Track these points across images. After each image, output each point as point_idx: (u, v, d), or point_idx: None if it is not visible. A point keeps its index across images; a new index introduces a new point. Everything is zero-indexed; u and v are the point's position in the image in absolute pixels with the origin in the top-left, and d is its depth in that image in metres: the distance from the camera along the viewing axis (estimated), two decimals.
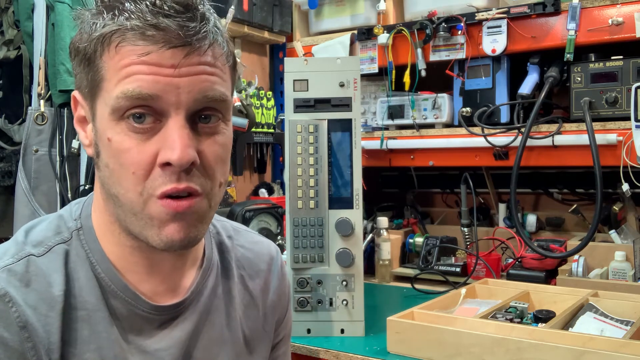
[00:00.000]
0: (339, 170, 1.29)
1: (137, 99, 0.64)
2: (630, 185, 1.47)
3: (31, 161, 1.60)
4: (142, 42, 0.64)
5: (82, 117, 0.73)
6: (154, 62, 0.64)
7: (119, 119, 0.66)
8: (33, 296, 0.67)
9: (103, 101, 0.67)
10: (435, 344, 1.11)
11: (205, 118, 0.69)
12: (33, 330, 0.65)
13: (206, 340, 0.79)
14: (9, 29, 1.68)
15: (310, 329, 1.29)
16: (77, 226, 0.74)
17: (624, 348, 0.97)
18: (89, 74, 0.68)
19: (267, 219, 1.82)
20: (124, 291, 0.72)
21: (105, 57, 0.66)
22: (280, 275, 0.93)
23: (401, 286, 1.73)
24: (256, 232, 0.96)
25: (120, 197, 0.68)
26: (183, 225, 0.68)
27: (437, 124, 1.77)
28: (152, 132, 0.66)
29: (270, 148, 2.13)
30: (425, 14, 1.76)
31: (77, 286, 0.70)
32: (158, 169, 0.66)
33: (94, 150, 0.70)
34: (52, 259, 0.70)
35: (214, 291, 0.82)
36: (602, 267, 1.52)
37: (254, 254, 0.90)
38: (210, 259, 0.83)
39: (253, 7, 1.89)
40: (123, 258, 0.73)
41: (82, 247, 0.73)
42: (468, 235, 1.78)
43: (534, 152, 1.59)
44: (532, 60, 1.65)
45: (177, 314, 0.77)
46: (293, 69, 1.31)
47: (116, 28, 0.64)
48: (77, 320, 0.69)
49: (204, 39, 0.66)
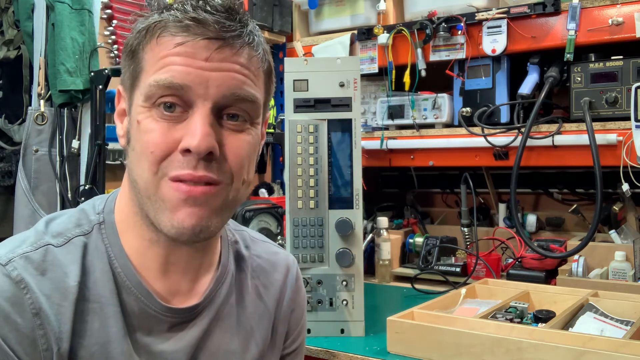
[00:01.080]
0: (339, 170, 1.29)
1: (168, 87, 0.68)
2: (630, 185, 1.47)
3: (31, 161, 1.61)
4: (181, 32, 0.68)
5: (122, 110, 0.76)
6: (187, 54, 0.67)
7: (151, 106, 0.69)
8: (48, 285, 0.68)
9: (139, 91, 0.71)
10: (435, 344, 1.11)
11: (232, 116, 0.71)
12: (45, 318, 0.66)
13: (214, 348, 0.79)
14: (9, 29, 1.68)
15: (310, 329, 1.29)
16: (99, 220, 0.75)
17: (624, 348, 0.97)
18: (132, 67, 0.72)
19: (267, 219, 1.82)
20: (138, 288, 0.73)
21: (147, 48, 0.70)
22: (295, 287, 0.92)
23: (401, 286, 1.73)
24: (275, 244, 0.95)
25: (138, 179, 0.70)
26: (195, 211, 0.69)
27: (437, 124, 1.77)
28: (178, 120, 0.69)
29: (270, 148, 2.13)
30: (425, 14, 1.76)
31: (92, 279, 0.71)
32: (178, 155, 0.68)
33: (126, 138, 0.73)
34: (70, 250, 0.71)
35: (227, 299, 0.82)
36: (602, 267, 1.52)
37: (270, 264, 0.90)
38: (225, 267, 0.83)
39: (253, 7, 1.89)
40: (141, 253, 0.74)
41: (102, 241, 0.74)
42: (468, 235, 1.78)
43: (534, 152, 1.59)
44: (532, 60, 1.65)
45: (189, 318, 0.77)
46: (293, 69, 1.31)
47: (159, 20, 0.69)
48: (89, 312, 0.70)
49: (238, 37, 0.69)
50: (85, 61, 1.59)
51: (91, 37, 1.61)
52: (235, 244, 0.87)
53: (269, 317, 0.87)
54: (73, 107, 1.64)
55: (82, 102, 1.62)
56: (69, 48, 1.56)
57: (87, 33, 1.60)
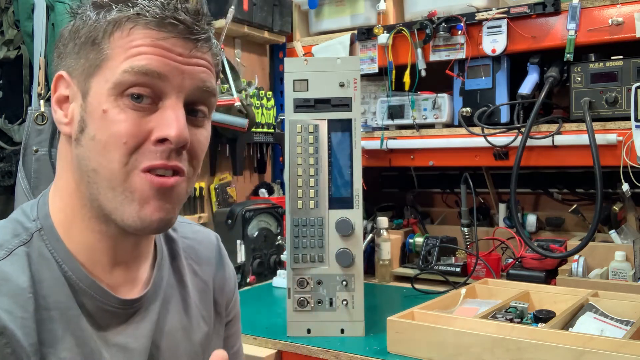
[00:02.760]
0: (339, 170, 1.29)
1: (144, 74, 0.68)
2: (630, 185, 1.47)
3: (31, 161, 1.60)
4: (157, 28, 0.70)
5: (64, 97, 0.74)
6: (163, 47, 0.69)
7: (119, 95, 0.69)
8: (5, 300, 0.66)
9: (103, 78, 0.70)
10: (435, 344, 1.11)
11: (195, 112, 0.74)
12: (11, 334, 0.65)
13: (169, 329, 0.82)
14: (9, 29, 1.68)
15: (310, 329, 1.29)
16: (37, 227, 0.73)
17: (624, 348, 0.97)
18: (90, 55, 0.71)
19: (267, 219, 1.83)
20: (92, 288, 0.73)
21: (114, 38, 0.70)
22: (224, 261, 0.97)
23: (401, 286, 1.73)
24: (193, 222, 0.99)
25: (101, 169, 0.69)
26: (163, 204, 0.70)
27: (437, 124, 1.77)
28: (148, 111, 0.70)
29: (270, 148, 2.13)
30: (425, 14, 1.76)
31: (45, 287, 0.70)
32: (150, 145, 0.69)
33: (77, 126, 0.72)
34: (14, 261, 0.69)
35: (169, 282, 0.85)
36: (602, 267, 1.52)
37: (198, 242, 0.93)
38: (162, 252, 0.85)
39: (253, 7, 1.89)
40: (89, 248, 0.74)
41: (46, 247, 0.72)
42: (468, 235, 1.78)
43: (534, 152, 1.59)
44: (532, 60, 1.65)
45: (141, 307, 0.78)
46: (293, 69, 1.31)
47: (132, 14, 0.70)
48: (50, 320, 0.69)
49: (207, 40, 0.74)
50: None
51: None
52: None
53: (208, 292, 0.91)
54: None
55: None
56: None
57: None
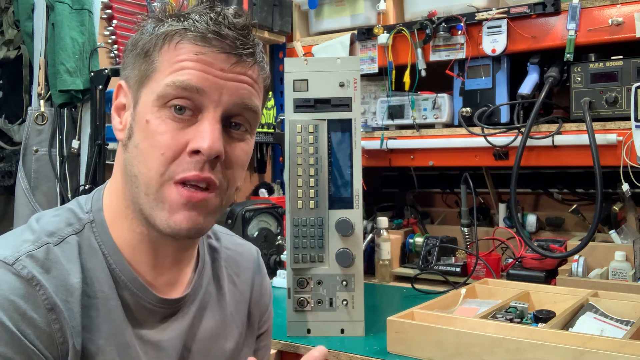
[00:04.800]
0: (339, 170, 1.29)
1: (184, 89, 0.71)
2: (630, 185, 1.47)
3: (31, 161, 1.60)
4: (201, 43, 0.72)
5: (122, 105, 0.79)
6: (206, 62, 0.72)
7: (162, 106, 0.72)
8: (54, 282, 0.70)
9: (150, 89, 0.74)
10: (435, 344, 1.11)
11: (236, 125, 0.76)
12: (59, 312, 0.69)
13: (202, 334, 0.85)
14: (9, 29, 1.68)
15: (310, 329, 1.29)
16: (89, 219, 0.77)
17: (624, 348, 0.97)
18: (142, 66, 0.75)
19: (267, 219, 1.83)
20: (134, 283, 0.76)
21: (162, 51, 0.74)
22: (262, 274, 1.00)
23: (401, 286, 1.73)
24: (237, 235, 1.02)
25: (140, 176, 0.73)
26: (193, 215, 0.73)
27: (437, 124, 1.77)
28: (188, 123, 0.73)
29: (270, 148, 2.13)
30: (425, 14, 1.76)
31: (91, 276, 0.74)
32: (186, 157, 0.72)
33: (127, 133, 0.76)
34: (66, 249, 0.73)
35: (208, 289, 0.88)
36: (602, 267, 1.52)
37: (239, 254, 0.97)
38: (204, 259, 0.89)
39: (253, 7, 1.89)
40: (132, 247, 0.77)
41: (95, 239, 0.76)
42: (468, 235, 1.78)
43: (534, 152, 1.59)
44: (532, 60, 1.65)
45: (178, 308, 0.82)
46: (293, 69, 1.31)
47: (180, 28, 0.73)
48: (92, 307, 0.73)
49: (251, 55, 0.76)
50: (85, 61, 1.59)
51: (91, 37, 1.61)
52: (208, 238, 0.93)
53: (244, 303, 0.94)
54: (73, 107, 1.64)
55: (82, 102, 1.62)
56: (69, 48, 1.55)
57: (87, 33, 1.60)
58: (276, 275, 1.76)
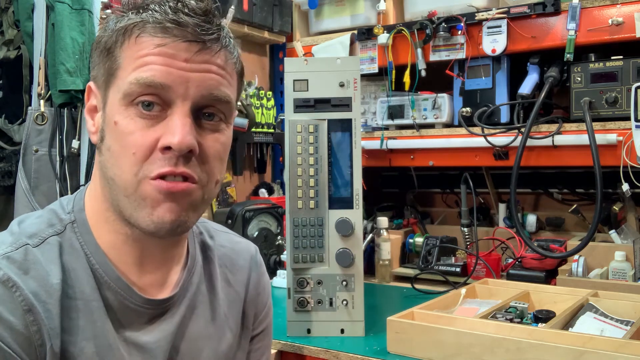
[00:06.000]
0: (339, 170, 1.29)
1: (149, 86, 0.69)
2: (630, 185, 1.47)
3: (31, 161, 1.60)
4: (161, 34, 0.69)
5: (93, 107, 0.76)
6: (168, 54, 0.69)
7: (129, 104, 0.70)
8: (32, 283, 0.68)
9: (116, 88, 0.71)
10: (435, 344, 1.11)
11: (209, 116, 0.74)
12: (37, 314, 0.67)
13: (192, 335, 0.83)
14: (9, 29, 1.68)
15: (310, 329, 1.29)
16: (70, 219, 0.76)
17: (624, 348, 0.97)
18: (107, 64, 0.72)
19: (267, 219, 1.83)
20: (117, 283, 0.75)
21: (124, 47, 0.71)
22: (259, 272, 0.97)
23: (401, 286, 1.73)
24: (235, 233, 0.99)
25: (116, 178, 0.71)
26: (175, 207, 0.71)
27: (437, 124, 1.77)
28: (157, 119, 0.70)
29: (270, 148, 2.13)
30: (425, 14, 1.76)
31: (72, 277, 0.72)
32: (158, 153, 0.70)
33: (99, 135, 0.74)
34: (47, 250, 0.72)
35: (199, 288, 0.85)
36: (602, 267, 1.52)
37: (235, 252, 0.94)
38: (194, 258, 0.86)
39: (253, 7, 1.89)
40: (116, 248, 0.75)
41: (77, 239, 0.75)
42: (468, 235, 1.78)
43: (534, 152, 1.59)
44: (532, 60, 1.65)
45: (166, 309, 0.79)
46: (293, 69, 1.31)
47: (139, 20, 0.70)
48: (73, 309, 0.71)
49: (216, 40, 0.72)
50: (85, 61, 1.59)
51: (91, 37, 1.61)
52: (200, 235, 0.91)
53: (239, 302, 0.92)
54: (73, 107, 1.64)
55: (82, 102, 1.62)
56: (69, 48, 1.56)
57: (87, 33, 1.60)
58: (276, 275, 1.76)
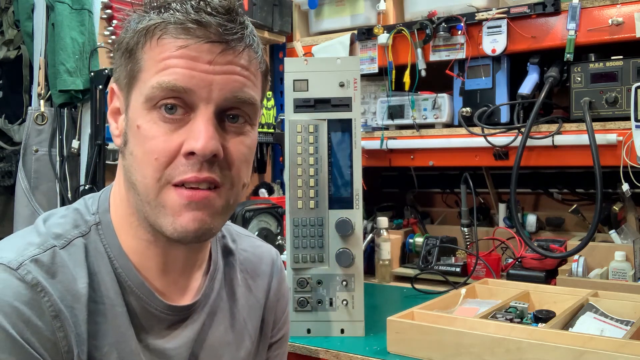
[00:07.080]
0: (339, 170, 1.29)
1: (171, 90, 0.67)
2: (630, 185, 1.47)
3: (31, 161, 1.60)
4: (183, 35, 0.67)
5: (116, 109, 0.75)
6: (191, 57, 0.67)
7: (151, 108, 0.68)
8: (59, 287, 0.67)
9: (138, 91, 0.70)
10: (435, 344, 1.11)
11: (233, 118, 0.71)
12: (65, 320, 0.66)
13: (212, 342, 0.81)
14: (9, 29, 1.68)
15: (310, 329, 1.29)
16: (95, 221, 0.75)
17: (624, 348, 0.97)
18: (129, 66, 0.71)
19: (267, 219, 1.83)
20: (140, 288, 0.73)
21: (146, 48, 0.69)
22: (280, 277, 0.95)
23: (401, 286, 1.73)
24: (257, 237, 0.98)
25: (138, 184, 0.70)
26: (197, 215, 0.69)
27: (437, 124, 1.77)
28: (180, 123, 0.68)
29: (270, 148, 2.13)
30: (425, 14, 1.76)
31: (97, 280, 0.71)
32: (181, 159, 0.68)
33: (122, 139, 0.73)
34: (73, 252, 0.71)
35: (219, 294, 0.84)
36: (602, 267, 1.52)
37: (256, 257, 0.92)
38: (216, 263, 0.84)
39: (253, 7, 1.89)
40: (140, 253, 0.74)
41: (101, 242, 0.73)
42: (468, 235, 1.78)
43: (534, 152, 1.59)
44: (532, 60, 1.65)
45: (187, 315, 0.78)
46: (293, 69, 1.31)
47: (160, 21, 0.68)
48: (98, 313, 0.70)
49: (240, 40, 0.69)
50: (85, 61, 1.59)
51: (91, 37, 1.61)
52: (223, 239, 0.89)
53: (258, 308, 0.90)
54: (73, 107, 1.64)
55: (82, 102, 1.62)
56: (69, 48, 1.55)
57: (87, 33, 1.60)
58: None
